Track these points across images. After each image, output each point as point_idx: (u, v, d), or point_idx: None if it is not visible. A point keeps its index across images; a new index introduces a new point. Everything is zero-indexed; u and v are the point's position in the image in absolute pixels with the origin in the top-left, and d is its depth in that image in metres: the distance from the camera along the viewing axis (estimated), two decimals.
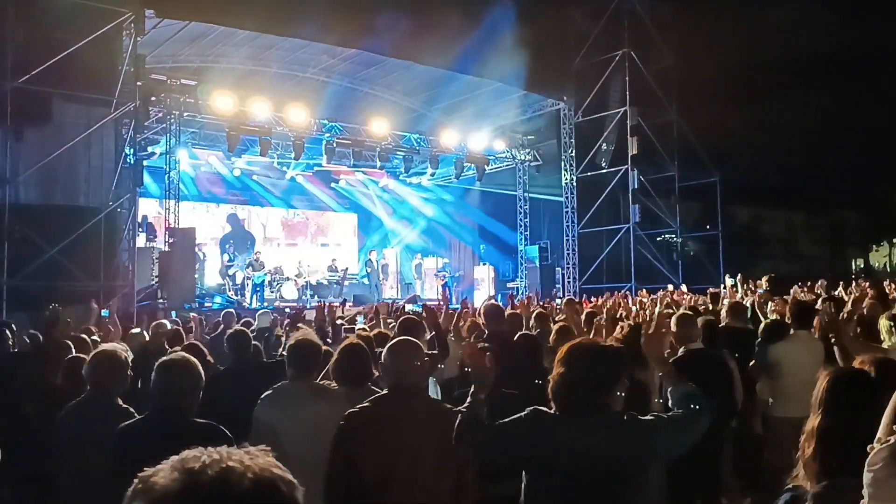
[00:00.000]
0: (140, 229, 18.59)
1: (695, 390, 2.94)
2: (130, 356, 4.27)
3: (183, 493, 0.97)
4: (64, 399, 4.08)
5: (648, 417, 2.85)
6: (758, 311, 7.63)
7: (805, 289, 11.35)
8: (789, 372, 5.71)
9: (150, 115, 17.51)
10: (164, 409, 3.32)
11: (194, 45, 19.64)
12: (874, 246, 45.75)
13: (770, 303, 8.40)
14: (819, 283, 11.86)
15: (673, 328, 5.46)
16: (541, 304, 12.28)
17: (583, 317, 7.40)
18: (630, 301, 12.55)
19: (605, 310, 8.64)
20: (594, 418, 2.74)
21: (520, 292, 22.91)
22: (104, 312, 11.39)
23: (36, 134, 14.59)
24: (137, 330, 8.09)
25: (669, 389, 2.97)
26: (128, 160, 16.17)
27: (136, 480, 1.00)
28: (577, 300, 13.65)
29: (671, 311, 7.33)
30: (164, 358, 3.50)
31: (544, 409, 2.81)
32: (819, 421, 2.47)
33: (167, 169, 18.27)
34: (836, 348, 4.78)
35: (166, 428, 3.14)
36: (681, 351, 5.26)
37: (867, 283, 11.48)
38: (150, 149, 18.68)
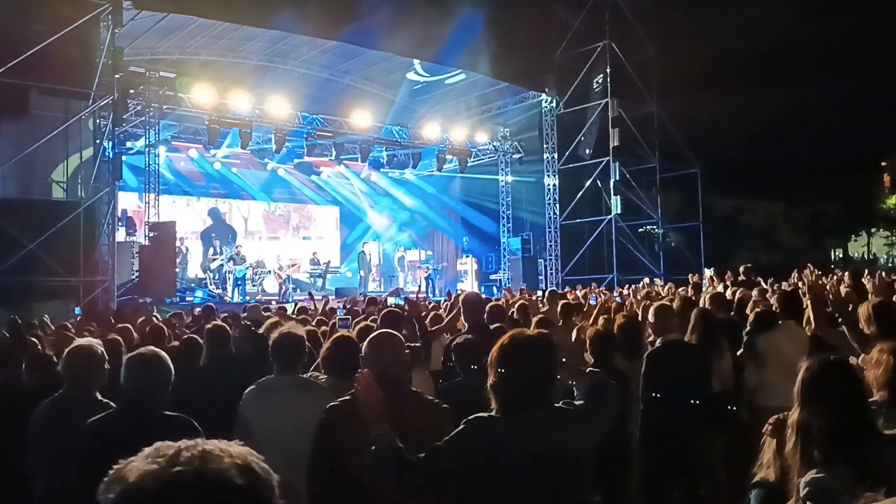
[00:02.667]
0: (119, 223, 18.43)
1: (598, 377, 2.93)
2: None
3: (163, 476, 0.96)
4: (32, 397, 4.04)
5: (576, 404, 2.79)
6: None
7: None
8: (775, 361, 5.76)
9: (128, 107, 17.34)
10: (134, 403, 3.30)
11: (173, 38, 19.45)
12: (853, 236, 46.32)
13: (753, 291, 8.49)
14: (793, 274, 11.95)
15: (651, 319, 5.49)
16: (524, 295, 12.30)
17: (559, 309, 7.43)
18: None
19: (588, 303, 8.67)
20: (536, 414, 2.65)
21: (502, 284, 22.97)
22: (77, 310, 11.30)
23: (12, 127, 14.41)
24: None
25: (574, 384, 2.92)
26: (106, 153, 16.01)
27: (110, 472, 0.99)
28: (559, 292, 13.71)
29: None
30: (135, 353, 3.48)
31: (482, 415, 2.68)
32: (798, 414, 2.47)
33: (146, 162, 18.10)
34: (812, 311, 4.82)
35: (136, 421, 3.13)
36: (658, 342, 5.29)
37: (844, 273, 11.60)
38: (128, 143, 18.54)
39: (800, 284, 9.43)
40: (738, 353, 5.98)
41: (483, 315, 6.02)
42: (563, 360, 2.95)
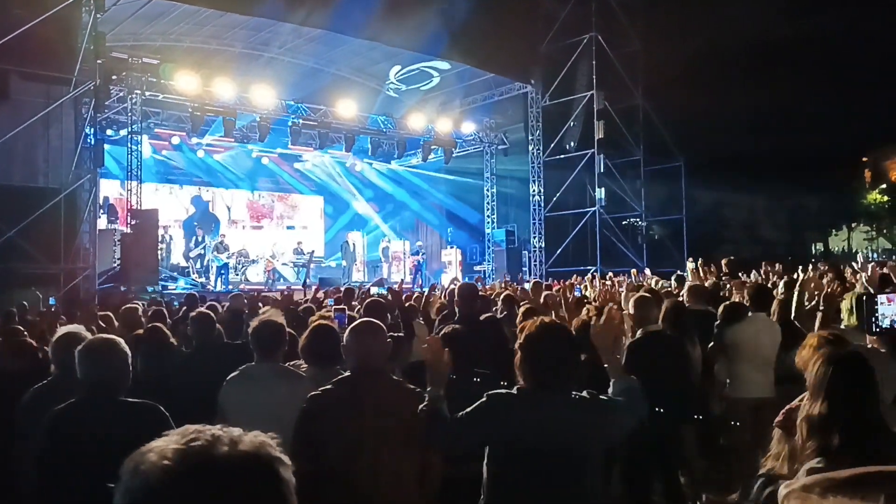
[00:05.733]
0: (101, 211, 18.28)
1: (635, 384, 3.03)
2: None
3: (181, 454, 0.99)
4: (13, 384, 4.01)
5: (605, 397, 2.94)
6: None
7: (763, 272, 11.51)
8: (746, 353, 5.82)
9: (110, 94, 17.15)
10: (93, 392, 3.27)
11: (156, 24, 19.25)
12: (833, 230, 46.73)
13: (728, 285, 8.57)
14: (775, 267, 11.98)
15: (631, 310, 5.52)
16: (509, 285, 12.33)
17: (541, 300, 7.46)
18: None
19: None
20: (557, 396, 2.83)
21: (487, 275, 23.00)
22: (51, 300, 11.17)
23: None
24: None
25: (612, 381, 3.04)
26: (88, 140, 15.84)
27: (128, 458, 1.02)
28: (543, 283, 13.74)
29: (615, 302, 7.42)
30: (86, 343, 3.45)
31: (502, 391, 2.91)
32: (820, 406, 2.36)
33: (129, 149, 17.93)
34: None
35: (96, 410, 3.11)
36: (638, 333, 5.32)
37: (826, 267, 11.71)
38: (109, 132, 18.36)
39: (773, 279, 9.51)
40: (710, 346, 6.03)
41: (476, 305, 6.05)
42: (609, 360, 3.07)
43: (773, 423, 2.86)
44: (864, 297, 3.12)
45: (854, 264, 11.05)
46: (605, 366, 3.08)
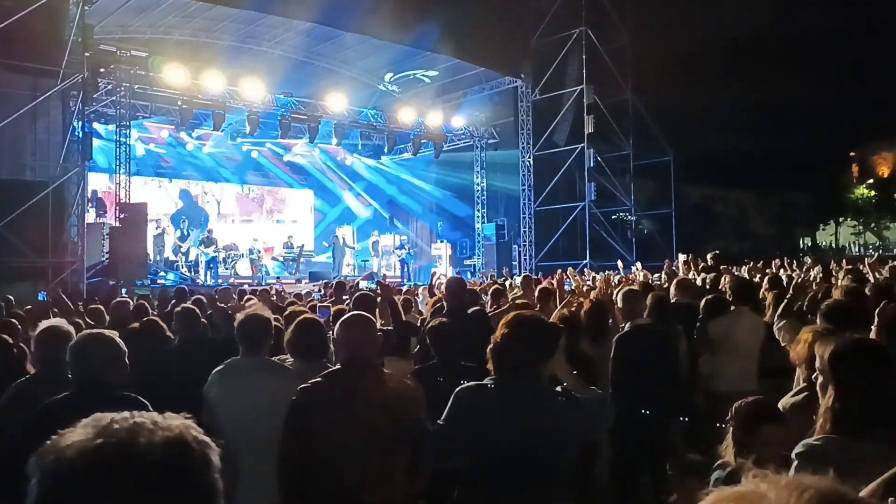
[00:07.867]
0: (90, 204, 18.17)
1: (606, 397, 3.18)
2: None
3: (86, 448, 0.94)
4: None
5: (578, 395, 2.94)
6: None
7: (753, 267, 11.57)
8: (730, 347, 5.82)
9: (98, 86, 17.04)
10: (83, 386, 3.25)
11: (145, 16, 19.13)
12: (821, 225, 47.05)
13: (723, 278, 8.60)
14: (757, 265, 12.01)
15: (619, 304, 5.53)
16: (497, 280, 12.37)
17: (535, 294, 7.47)
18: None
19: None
20: (526, 383, 2.87)
21: (477, 269, 23.03)
22: (41, 295, 11.13)
23: None
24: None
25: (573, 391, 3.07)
26: (76, 133, 15.75)
27: (40, 453, 0.98)
28: (533, 277, 13.77)
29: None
30: (76, 337, 3.42)
31: (471, 384, 2.97)
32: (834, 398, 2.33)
33: (117, 142, 17.82)
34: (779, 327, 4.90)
35: (87, 403, 3.09)
36: (627, 326, 5.34)
37: (811, 262, 11.77)
38: (97, 125, 18.25)
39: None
40: (694, 339, 6.04)
41: (464, 299, 6.06)
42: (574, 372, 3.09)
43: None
44: None
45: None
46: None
